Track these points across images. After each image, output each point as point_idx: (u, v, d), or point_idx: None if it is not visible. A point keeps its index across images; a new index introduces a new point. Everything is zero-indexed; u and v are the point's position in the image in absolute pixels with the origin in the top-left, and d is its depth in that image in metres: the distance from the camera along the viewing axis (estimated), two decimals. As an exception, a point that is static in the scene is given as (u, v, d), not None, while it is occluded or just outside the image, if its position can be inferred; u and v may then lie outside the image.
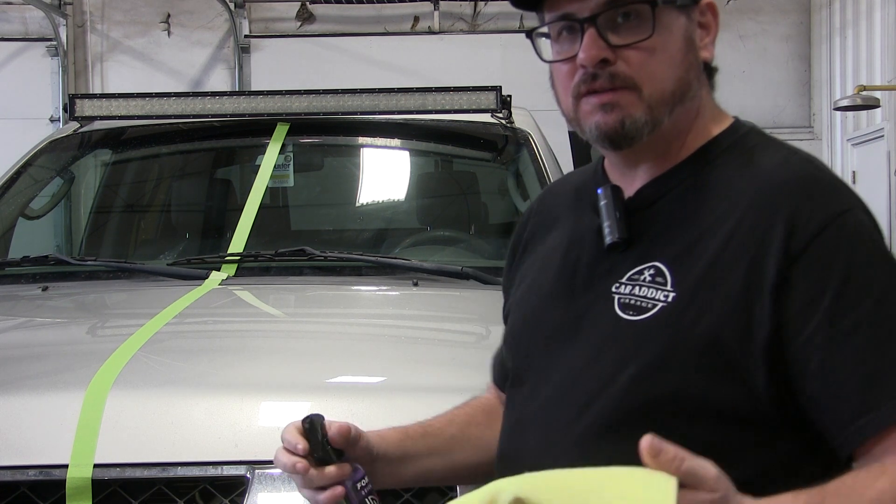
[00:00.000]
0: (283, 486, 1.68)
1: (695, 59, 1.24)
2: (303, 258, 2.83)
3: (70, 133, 3.59)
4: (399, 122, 3.43)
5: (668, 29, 1.21)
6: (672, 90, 1.22)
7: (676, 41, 1.22)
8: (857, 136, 7.42)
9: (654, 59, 1.20)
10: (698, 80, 1.25)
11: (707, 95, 1.28)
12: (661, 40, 1.20)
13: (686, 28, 1.23)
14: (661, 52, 1.20)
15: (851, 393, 1.07)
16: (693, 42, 1.24)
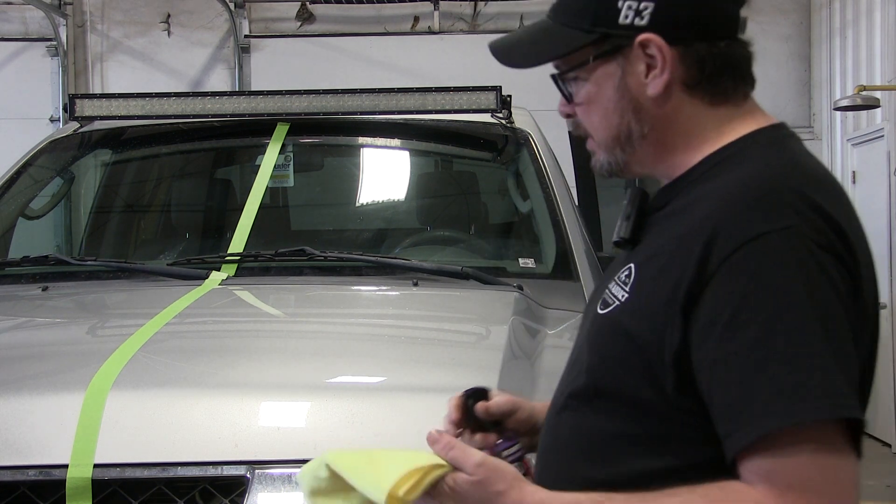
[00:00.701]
0: (283, 486, 1.68)
1: (633, 103, 1.29)
2: (303, 258, 2.83)
3: (70, 133, 3.59)
4: (399, 122, 3.43)
5: (598, 84, 1.31)
6: (612, 136, 1.32)
7: (606, 94, 1.31)
8: (857, 136, 7.41)
9: (590, 113, 1.34)
10: (646, 117, 1.30)
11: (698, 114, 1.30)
12: (589, 97, 1.32)
13: (619, 76, 1.30)
14: (594, 106, 1.33)
15: (719, 415, 1.14)
16: (627, 89, 1.29)
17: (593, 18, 1.30)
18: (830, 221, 1.17)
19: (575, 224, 3.07)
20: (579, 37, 1.31)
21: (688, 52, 1.27)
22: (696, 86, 1.29)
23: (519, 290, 2.64)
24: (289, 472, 1.70)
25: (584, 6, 1.31)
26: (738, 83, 1.31)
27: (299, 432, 1.82)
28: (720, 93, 1.30)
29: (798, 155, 1.28)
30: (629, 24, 1.27)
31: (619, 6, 1.27)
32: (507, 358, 2.09)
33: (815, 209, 1.17)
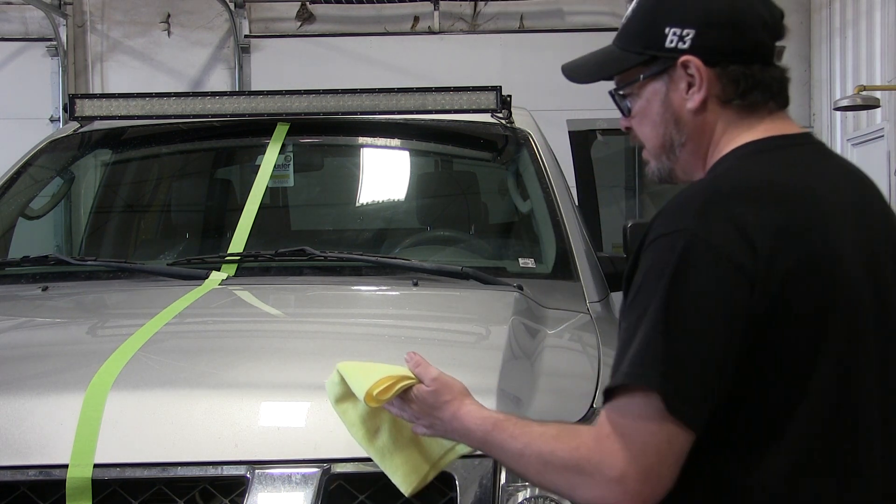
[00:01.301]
0: (283, 486, 1.68)
1: (674, 115, 1.51)
2: (303, 258, 2.83)
3: (70, 133, 3.59)
4: (399, 122, 3.43)
5: (648, 99, 1.54)
6: (658, 144, 1.54)
7: (654, 107, 1.53)
8: (857, 136, 7.41)
9: (642, 125, 1.56)
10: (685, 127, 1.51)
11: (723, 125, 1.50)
12: (641, 112, 1.55)
13: (664, 92, 1.52)
14: (645, 118, 1.55)
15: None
16: (671, 103, 1.51)
17: (645, 42, 1.53)
18: (738, 231, 1.32)
19: (575, 224, 3.07)
20: (632, 58, 1.54)
21: (724, 73, 1.48)
22: (729, 102, 1.49)
23: (519, 290, 2.64)
24: (289, 472, 1.70)
25: (637, 32, 1.55)
26: (767, 99, 1.52)
27: (299, 432, 1.82)
28: (748, 106, 1.50)
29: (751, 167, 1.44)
30: (674, 47, 1.49)
31: (665, 32, 1.49)
32: (507, 358, 2.09)
33: (720, 218, 1.34)
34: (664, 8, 1.52)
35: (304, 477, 1.69)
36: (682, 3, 1.50)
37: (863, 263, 1.40)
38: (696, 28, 1.48)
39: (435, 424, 1.52)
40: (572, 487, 1.35)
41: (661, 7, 1.52)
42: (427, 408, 1.52)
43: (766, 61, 1.53)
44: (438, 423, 1.51)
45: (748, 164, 1.45)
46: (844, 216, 1.42)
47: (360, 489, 1.73)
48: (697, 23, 1.48)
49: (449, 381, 1.53)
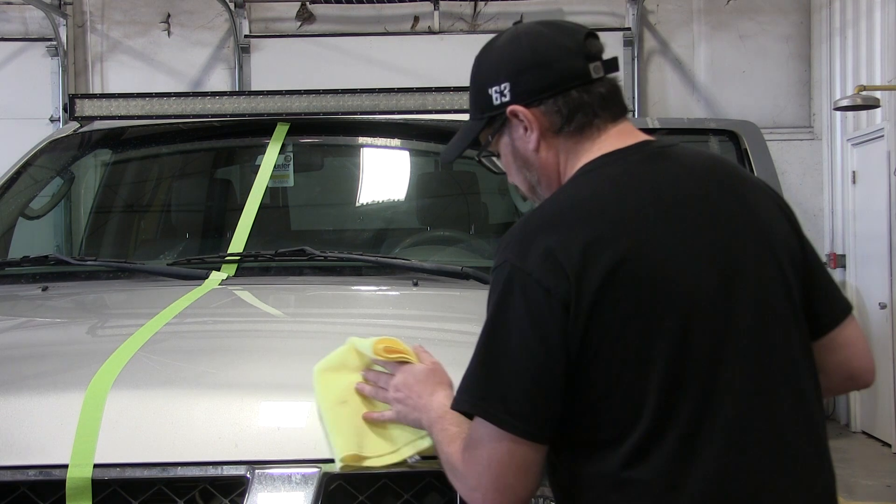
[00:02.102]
0: (283, 486, 1.68)
1: (523, 160, 1.69)
2: (303, 258, 2.83)
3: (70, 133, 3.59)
4: (399, 122, 3.43)
5: (504, 154, 1.73)
6: (526, 188, 1.74)
7: (509, 159, 1.72)
8: (857, 136, 7.41)
9: (511, 176, 1.75)
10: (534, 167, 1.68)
11: (564, 154, 1.65)
12: (504, 163, 1.75)
13: (510, 143, 1.69)
14: (509, 170, 1.75)
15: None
16: (518, 150, 1.68)
17: (480, 108, 1.71)
18: (547, 257, 1.47)
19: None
20: (476, 125, 1.73)
21: (546, 108, 1.63)
22: (560, 131, 1.63)
23: (519, 290, 2.64)
24: (289, 472, 1.70)
25: (473, 102, 1.73)
26: (592, 117, 1.63)
27: (299, 432, 1.81)
28: (577, 129, 1.63)
29: (566, 192, 1.60)
30: (500, 103, 1.66)
31: (489, 93, 1.67)
32: (507, 358, 2.09)
33: (532, 248, 1.50)
34: (482, 74, 1.70)
35: (304, 477, 1.69)
36: (493, 64, 1.68)
37: (695, 258, 1.50)
38: (509, 80, 1.64)
39: (406, 402, 1.71)
40: (457, 489, 1.57)
41: (480, 74, 1.70)
42: (412, 382, 1.72)
43: (582, 83, 1.63)
44: (410, 401, 1.70)
45: (565, 190, 1.61)
46: (668, 218, 1.52)
47: (360, 489, 1.73)
48: (508, 76, 1.64)
49: (442, 371, 1.76)
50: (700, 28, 8.19)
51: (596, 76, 1.64)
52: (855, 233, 7.50)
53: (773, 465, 1.49)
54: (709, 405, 1.46)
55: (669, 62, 8.23)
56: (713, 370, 1.48)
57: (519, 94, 1.63)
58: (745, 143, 4.94)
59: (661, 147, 1.64)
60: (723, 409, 1.47)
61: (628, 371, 1.46)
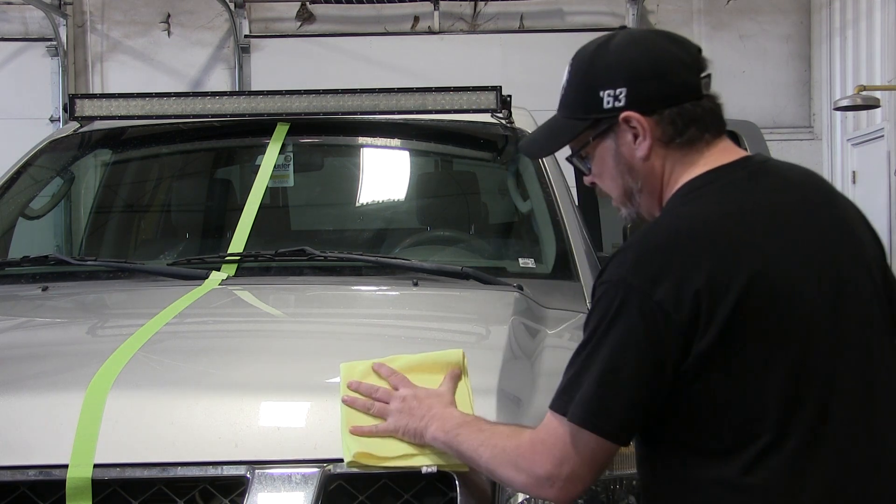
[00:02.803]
0: (283, 486, 1.68)
1: (627, 166, 1.68)
2: (303, 258, 2.83)
3: (70, 133, 3.59)
4: (399, 122, 3.43)
5: (602, 157, 1.71)
6: (621, 194, 1.73)
7: (609, 163, 1.71)
8: (857, 136, 7.42)
9: (603, 180, 1.75)
10: (638, 175, 1.68)
11: (670, 164, 1.66)
12: (599, 169, 1.74)
13: (614, 148, 1.68)
14: (604, 174, 1.74)
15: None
16: (622, 155, 1.68)
17: (585, 108, 1.68)
18: (669, 281, 1.49)
19: (575, 224, 3.07)
20: (578, 125, 1.70)
21: (661, 118, 1.64)
22: (671, 142, 1.65)
23: (519, 290, 2.64)
24: (289, 472, 1.70)
25: (576, 100, 1.70)
26: (703, 132, 1.65)
27: (299, 432, 1.82)
28: (687, 142, 1.65)
29: (682, 212, 1.60)
30: (612, 107, 1.65)
31: (601, 95, 1.66)
32: (507, 358, 2.09)
33: (651, 270, 1.51)
34: (594, 75, 1.68)
35: (304, 477, 1.69)
36: (609, 68, 1.66)
37: (810, 274, 1.54)
38: (627, 86, 1.64)
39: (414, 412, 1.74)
40: (510, 479, 1.61)
41: (591, 75, 1.69)
42: (423, 395, 1.77)
43: (695, 97, 1.66)
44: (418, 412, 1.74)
45: (679, 210, 1.61)
46: (783, 236, 1.56)
47: (360, 489, 1.73)
48: (626, 81, 1.64)
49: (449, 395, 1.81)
50: (700, 28, 8.20)
51: (705, 92, 1.68)
52: (855, 233, 7.49)
53: (879, 477, 1.54)
54: (825, 417, 1.52)
55: (669, 62, 8.22)
56: (829, 383, 1.53)
57: (635, 101, 1.64)
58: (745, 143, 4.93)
59: (761, 162, 1.69)
60: (835, 421, 1.52)
61: (752, 386, 1.50)
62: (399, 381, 1.82)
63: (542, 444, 1.57)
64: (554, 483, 1.55)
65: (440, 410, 1.73)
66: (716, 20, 8.16)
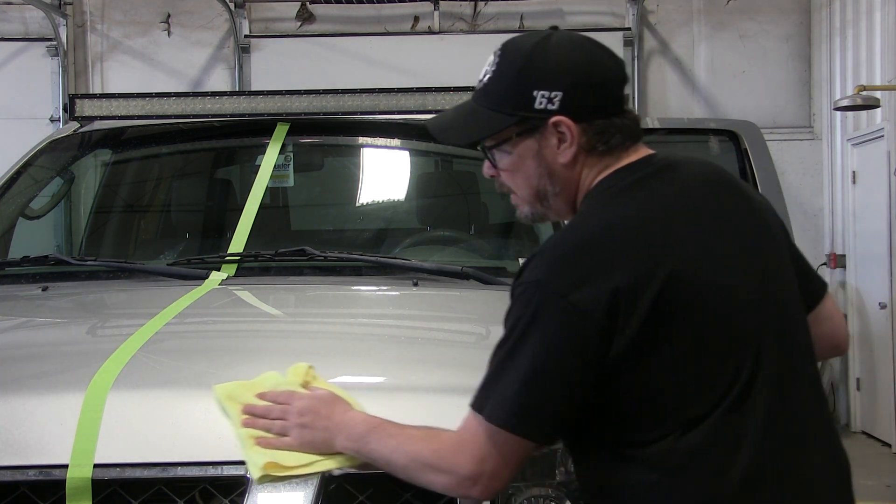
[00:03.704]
0: (283, 486, 1.68)
1: (547, 169, 1.67)
2: (303, 258, 2.83)
3: (70, 133, 3.59)
4: (399, 122, 3.43)
5: (520, 155, 1.68)
6: (532, 194, 1.72)
7: (527, 162, 1.69)
8: (857, 136, 7.41)
9: (514, 177, 1.72)
10: (558, 179, 1.68)
11: (587, 169, 1.67)
12: (514, 166, 1.70)
13: (536, 149, 1.67)
14: (517, 172, 1.71)
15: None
16: (544, 158, 1.67)
17: (514, 105, 1.66)
18: (585, 282, 1.50)
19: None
20: (504, 119, 1.67)
21: (590, 127, 1.65)
22: (592, 150, 1.66)
23: (519, 290, 2.64)
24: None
25: (505, 95, 1.67)
26: (625, 140, 1.67)
27: (299, 432, 1.81)
28: (608, 151, 1.66)
29: (597, 209, 1.62)
30: (543, 108, 1.63)
31: (534, 95, 1.64)
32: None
33: (567, 271, 1.52)
34: (530, 73, 1.65)
35: (304, 477, 1.69)
36: (547, 68, 1.64)
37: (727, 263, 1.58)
38: (563, 91, 1.62)
39: (315, 425, 1.71)
40: (431, 482, 1.61)
41: (527, 72, 1.65)
42: (318, 406, 1.73)
43: (620, 111, 1.68)
44: (319, 423, 1.71)
45: (595, 210, 1.63)
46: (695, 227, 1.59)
47: (359, 489, 1.73)
48: (564, 86, 1.62)
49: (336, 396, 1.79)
50: (700, 28, 8.19)
51: (626, 107, 1.71)
52: (855, 233, 7.50)
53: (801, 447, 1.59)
54: (749, 398, 1.55)
55: (669, 62, 8.23)
56: (754, 364, 1.56)
57: (568, 107, 1.63)
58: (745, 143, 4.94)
59: (666, 158, 1.72)
60: (759, 400, 1.56)
61: (675, 377, 1.53)
62: (287, 396, 1.78)
63: (463, 445, 1.58)
64: (477, 481, 1.56)
65: (341, 418, 1.71)
66: (716, 20, 8.15)
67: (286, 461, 1.69)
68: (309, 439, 1.71)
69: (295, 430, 1.72)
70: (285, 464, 1.69)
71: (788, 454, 1.56)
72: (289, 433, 1.73)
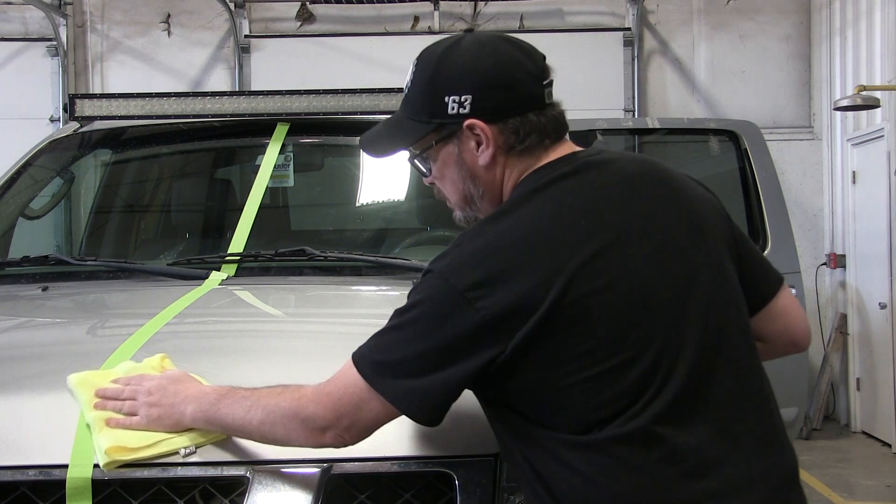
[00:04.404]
0: (283, 486, 1.68)
1: (469, 172, 1.70)
2: (303, 258, 2.83)
3: (70, 133, 3.59)
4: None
5: (444, 162, 1.71)
6: (461, 198, 1.74)
7: (450, 168, 1.71)
8: (857, 136, 7.42)
9: (444, 183, 1.76)
10: (480, 181, 1.70)
11: (509, 170, 1.68)
12: (440, 172, 1.74)
13: (456, 153, 1.69)
14: (444, 178, 1.74)
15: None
16: (464, 162, 1.69)
17: (430, 112, 1.68)
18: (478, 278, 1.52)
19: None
20: (421, 127, 1.70)
21: (505, 127, 1.65)
22: (511, 149, 1.67)
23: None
24: (289, 472, 1.70)
25: (421, 103, 1.70)
26: (543, 138, 1.67)
27: (299, 432, 1.81)
28: (527, 149, 1.67)
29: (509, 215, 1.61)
30: (456, 113, 1.65)
31: (446, 101, 1.66)
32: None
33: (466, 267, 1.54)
34: (440, 80, 1.68)
35: (304, 477, 1.69)
36: (454, 73, 1.66)
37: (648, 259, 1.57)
38: (472, 93, 1.64)
39: (162, 402, 1.70)
40: (287, 433, 1.60)
41: (437, 79, 1.68)
42: (166, 384, 1.73)
43: (538, 107, 1.67)
44: (167, 400, 1.70)
45: (507, 213, 1.62)
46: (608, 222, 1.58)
47: (360, 489, 1.73)
48: (472, 89, 1.64)
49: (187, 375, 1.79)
50: (700, 28, 8.20)
51: (548, 101, 1.69)
52: (855, 233, 7.50)
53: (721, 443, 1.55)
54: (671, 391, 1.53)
55: (669, 62, 8.23)
56: (672, 360, 1.54)
57: (480, 110, 1.64)
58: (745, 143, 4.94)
59: (590, 155, 1.70)
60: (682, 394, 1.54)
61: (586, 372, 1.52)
62: (139, 378, 1.78)
63: (327, 397, 1.58)
64: (329, 431, 1.57)
65: (190, 391, 1.70)
66: (716, 20, 8.16)
67: (131, 443, 1.67)
68: (156, 415, 1.70)
69: (143, 409, 1.71)
70: (130, 445, 1.67)
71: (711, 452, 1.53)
72: (137, 412, 1.71)
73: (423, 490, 1.73)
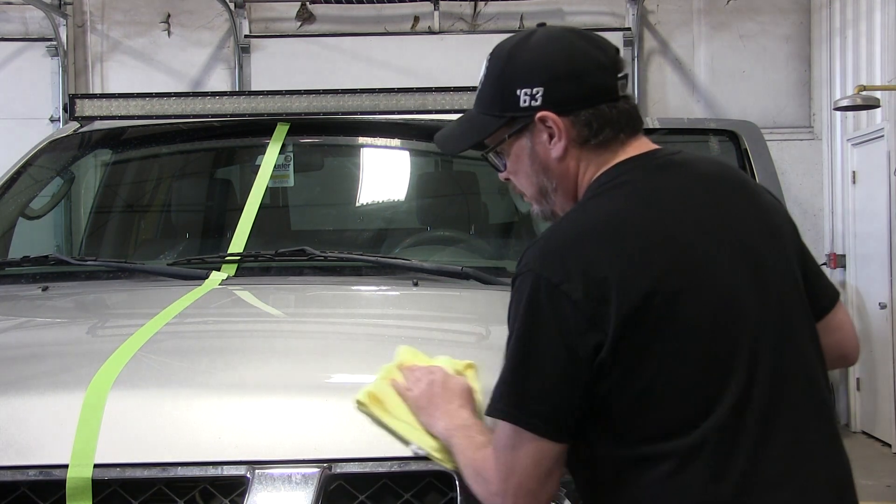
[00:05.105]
0: (283, 486, 1.68)
1: (542, 165, 1.70)
2: (303, 258, 2.83)
3: (70, 133, 3.59)
4: (399, 122, 3.43)
5: (517, 155, 1.72)
6: (536, 192, 1.74)
7: (524, 161, 1.72)
8: (857, 136, 7.41)
9: (518, 178, 1.76)
10: (554, 174, 1.69)
11: (584, 163, 1.68)
12: (514, 167, 1.75)
13: (529, 147, 1.70)
14: (519, 172, 1.75)
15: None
16: (537, 155, 1.69)
17: (501, 106, 1.69)
18: (577, 272, 1.51)
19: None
20: (494, 122, 1.71)
21: (577, 119, 1.65)
22: (586, 142, 1.66)
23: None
24: (289, 472, 1.70)
25: (493, 97, 1.71)
26: (617, 132, 1.67)
27: (299, 432, 1.81)
28: (602, 143, 1.66)
29: (587, 206, 1.63)
30: (528, 105, 1.66)
31: (517, 94, 1.66)
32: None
33: (560, 261, 1.53)
34: (511, 73, 1.68)
35: (304, 477, 1.69)
36: (526, 66, 1.67)
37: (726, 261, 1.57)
38: (543, 85, 1.64)
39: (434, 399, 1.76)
40: (476, 493, 1.61)
41: (508, 73, 1.69)
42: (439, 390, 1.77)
43: (611, 98, 1.67)
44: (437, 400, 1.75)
45: (587, 204, 1.64)
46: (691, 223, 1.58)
47: (360, 489, 1.73)
48: (543, 81, 1.64)
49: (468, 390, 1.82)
50: (700, 28, 8.19)
51: (622, 93, 1.69)
52: (855, 233, 7.50)
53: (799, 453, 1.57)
54: (750, 397, 1.54)
55: (669, 62, 8.23)
56: (753, 362, 1.55)
57: (551, 101, 1.65)
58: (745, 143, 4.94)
59: (670, 154, 1.71)
60: (758, 400, 1.54)
61: (675, 372, 1.52)
62: (437, 370, 1.85)
63: (489, 457, 1.58)
64: (505, 499, 1.55)
65: (454, 407, 1.73)
66: (716, 20, 8.16)
67: (389, 405, 1.77)
68: (424, 405, 1.76)
69: (417, 389, 1.78)
70: (386, 405, 1.77)
71: (786, 460, 1.54)
72: (415, 388, 1.79)
73: (424, 490, 1.73)
